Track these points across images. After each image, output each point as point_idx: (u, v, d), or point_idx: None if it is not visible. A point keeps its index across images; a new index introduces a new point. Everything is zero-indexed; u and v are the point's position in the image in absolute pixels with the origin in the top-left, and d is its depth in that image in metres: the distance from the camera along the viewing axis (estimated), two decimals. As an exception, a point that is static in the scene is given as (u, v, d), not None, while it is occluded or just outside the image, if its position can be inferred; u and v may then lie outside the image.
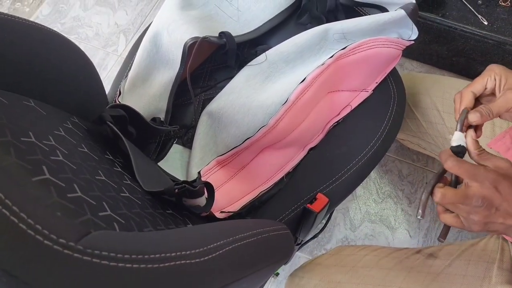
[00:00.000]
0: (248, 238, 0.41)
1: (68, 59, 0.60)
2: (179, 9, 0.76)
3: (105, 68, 1.37)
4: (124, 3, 1.48)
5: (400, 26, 0.74)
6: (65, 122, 0.56)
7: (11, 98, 0.48)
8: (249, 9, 0.81)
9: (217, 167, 0.72)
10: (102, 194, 0.42)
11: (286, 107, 0.66)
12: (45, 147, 0.43)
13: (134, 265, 0.27)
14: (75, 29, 1.45)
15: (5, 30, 0.50)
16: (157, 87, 0.75)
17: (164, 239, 0.32)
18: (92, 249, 0.25)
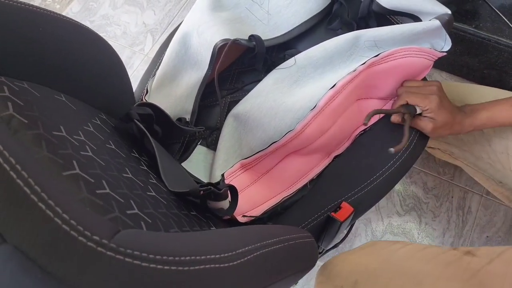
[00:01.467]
0: (275, 245, 0.40)
1: (100, 56, 0.60)
2: (209, 11, 0.75)
3: (131, 67, 1.39)
4: (153, 3, 1.49)
5: (434, 37, 0.72)
6: (94, 118, 0.56)
7: (43, 91, 0.49)
8: (279, 13, 0.80)
9: (241, 170, 0.71)
10: (130, 192, 0.42)
11: (314, 113, 0.65)
12: (76, 142, 0.43)
13: (165, 267, 0.26)
14: (103, 27, 1.47)
15: (43, 24, 0.50)
16: (184, 88, 0.75)
17: (193, 242, 0.32)
18: (124, 248, 0.24)
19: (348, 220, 0.65)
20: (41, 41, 0.50)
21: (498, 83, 1.19)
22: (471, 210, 1.12)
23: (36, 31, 0.50)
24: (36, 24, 0.49)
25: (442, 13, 0.71)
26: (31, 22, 0.49)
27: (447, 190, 1.15)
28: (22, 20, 0.47)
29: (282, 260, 0.41)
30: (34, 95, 0.46)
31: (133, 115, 0.62)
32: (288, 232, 0.47)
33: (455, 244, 1.11)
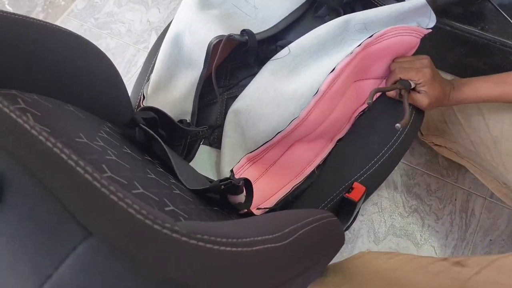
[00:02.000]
0: (312, 224, 0.41)
1: (99, 67, 0.60)
2: (198, 9, 0.75)
3: (135, 65, 1.38)
4: (158, 1, 1.48)
5: (419, 15, 0.74)
6: (103, 126, 0.55)
7: (53, 103, 0.48)
8: (266, 6, 0.81)
9: (248, 164, 0.71)
10: (160, 190, 0.42)
11: (317, 98, 0.65)
12: (98, 147, 0.42)
13: (233, 248, 0.26)
14: (108, 25, 1.45)
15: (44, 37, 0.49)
16: (181, 89, 0.74)
17: (246, 226, 0.32)
18: (195, 234, 0.25)
19: (362, 199, 0.66)
20: (45, 54, 0.50)
21: None
22: (475, 213, 1.11)
23: (40, 44, 0.49)
24: (39, 36, 0.48)
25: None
26: (31, 34, 0.48)
27: (450, 192, 1.14)
28: (24, 33, 0.46)
29: (321, 237, 0.42)
30: (46, 105, 0.45)
31: (138, 120, 0.61)
32: (315, 213, 0.47)
33: (458, 246, 1.10)
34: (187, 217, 0.39)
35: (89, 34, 1.41)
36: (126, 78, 1.32)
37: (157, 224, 0.23)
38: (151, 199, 0.38)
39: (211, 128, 0.77)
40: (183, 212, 0.39)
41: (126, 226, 0.21)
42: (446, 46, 1.12)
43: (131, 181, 0.39)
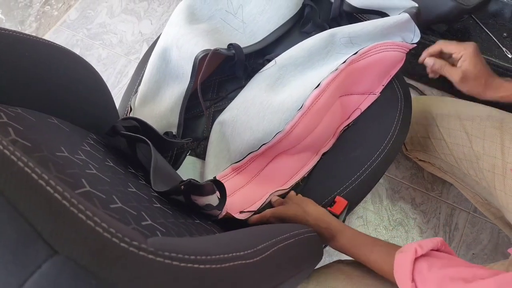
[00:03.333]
0: (287, 240, 0.42)
1: (86, 79, 0.61)
2: (186, 24, 0.77)
3: (126, 75, 1.39)
4: (150, 13, 1.49)
5: (404, 30, 0.76)
6: (87, 138, 0.56)
7: (36, 116, 0.48)
8: (254, 21, 0.82)
9: (233, 174, 0.72)
10: (139, 204, 0.42)
11: (301, 113, 0.67)
12: (79, 161, 0.43)
13: (200, 266, 0.27)
14: (100, 35, 1.46)
15: (30, 51, 0.50)
16: (168, 102, 0.75)
17: (217, 242, 0.32)
18: (162, 251, 0.25)
19: (344, 213, 0.67)
20: (28, 67, 0.50)
21: (489, 102, 1.20)
22: (458, 227, 1.11)
23: (23, 58, 0.49)
24: (23, 50, 0.49)
25: (410, 6, 0.75)
26: (18, 48, 0.48)
27: (434, 206, 1.14)
28: (10, 48, 0.47)
29: (296, 253, 0.43)
30: (29, 119, 0.45)
31: (119, 128, 0.61)
32: (293, 228, 0.48)
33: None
34: (164, 231, 0.39)
35: (81, 44, 1.42)
36: (117, 89, 1.33)
37: (124, 242, 0.24)
38: (129, 213, 0.38)
39: (197, 140, 0.77)
40: (160, 226, 0.40)
41: (92, 245, 0.22)
42: (431, 62, 1.13)
43: (110, 195, 0.39)
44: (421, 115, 0.89)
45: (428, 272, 0.47)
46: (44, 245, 0.21)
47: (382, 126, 0.77)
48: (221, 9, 0.82)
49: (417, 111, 0.89)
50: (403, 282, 0.48)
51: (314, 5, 0.84)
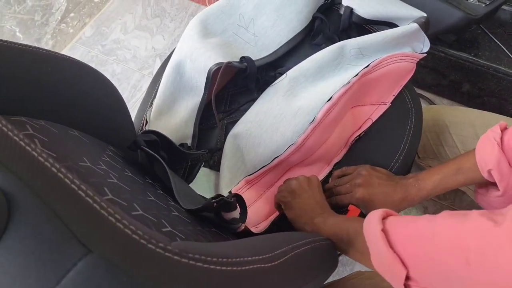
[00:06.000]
0: (304, 246, 0.43)
1: (105, 93, 0.63)
2: (199, 38, 0.79)
3: (140, 90, 1.42)
4: (162, 28, 1.53)
5: (413, 40, 0.77)
6: (106, 150, 0.57)
7: (58, 128, 0.50)
8: (266, 34, 0.84)
9: (246, 187, 0.73)
10: (158, 212, 0.44)
11: (313, 126, 0.68)
12: (100, 171, 0.45)
13: (222, 267, 0.28)
14: (114, 51, 1.50)
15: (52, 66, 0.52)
16: (182, 114, 0.77)
17: (238, 247, 0.34)
18: (186, 253, 0.26)
19: (357, 221, 0.68)
20: (50, 82, 0.52)
21: (497, 110, 1.19)
22: None
23: (45, 73, 0.52)
24: (46, 66, 0.51)
25: (419, 16, 0.76)
26: (41, 64, 0.51)
27: None
28: (35, 64, 0.49)
29: (312, 259, 0.44)
30: (53, 131, 0.47)
31: (140, 142, 0.64)
32: (308, 236, 0.49)
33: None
34: (184, 238, 0.41)
35: (96, 60, 1.46)
36: (131, 103, 1.36)
37: (151, 243, 0.25)
38: (150, 220, 0.40)
39: (211, 151, 0.79)
40: (180, 233, 0.41)
41: (122, 245, 0.23)
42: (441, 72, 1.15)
43: (131, 203, 0.41)
44: (434, 123, 0.90)
45: None
46: (78, 244, 0.22)
47: (394, 136, 0.77)
48: (233, 23, 0.84)
49: (430, 119, 0.90)
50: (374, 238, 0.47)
51: (324, 17, 0.86)
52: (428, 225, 0.42)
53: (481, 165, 0.60)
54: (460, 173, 0.64)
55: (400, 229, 0.45)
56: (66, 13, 1.48)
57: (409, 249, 0.43)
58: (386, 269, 0.45)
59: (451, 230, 0.39)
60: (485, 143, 0.60)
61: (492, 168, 0.58)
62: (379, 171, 0.70)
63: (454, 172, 0.64)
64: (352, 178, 0.70)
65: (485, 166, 0.59)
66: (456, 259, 0.37)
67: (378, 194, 0.67)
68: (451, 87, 1.22)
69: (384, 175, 0.70)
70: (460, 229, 0.38)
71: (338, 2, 0.88)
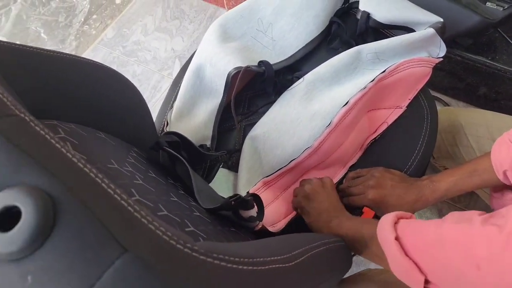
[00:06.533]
0: (320, 247, 0.44)
1: (128, 96, 0.65)
2: (219, 43, 0.81)
3: (159, 90, 1.45)
4: (182, 30, 1.57)
5: (430, 44, 0.78)
6: (130, 151, 0.60)
7: (86, 131, 0.53)
8: (283, 38, 0.86)
9: (264, 188, 0.75)
10: (181, 212, 0.46)
11: (329, 129, 0.69)
12: (127, 172, 0.47)
13: (244, 267, 0.30)
14: (135, 52, 1.54)
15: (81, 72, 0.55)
16: (202, 116, 0.79)
17: (255, 247, 0.36)
18: (211, 253, 0.29)
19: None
20: (79, 87, 0.55)
21: None
22: None
23: (75, 78, 0.54)
24: (76, 72, 0.54)
25: (435, 21, 0.77)
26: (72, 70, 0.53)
27: None
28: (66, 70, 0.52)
29: (327, 260, 0.45)
30: (82, 134, 0.50)
31: (162, 143, 0.66)
32: (323, 237, 0.51)
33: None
34: (205, 237, 0.43)
35: (117, 61, 1.49)
36: (151, 103, 1.39)
37: (179, 244, 0.27)
38: (174, 220, 0.42)
39: (229, 152, 0.81)
40: (202, 233, 0.43)
41: (154, 245, 0.26)
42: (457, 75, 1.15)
43: (156, 204, 0.43)
44: (449, 124, 0.90)
45: None
46: (116, 244, 0.24)
47: (409, 139, 0.79)
48: (252, 28, 0.86)
49: (445, 120, 0.91)
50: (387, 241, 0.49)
51: (341, 22, 0.87)
52: (436, 232, 0.44)
53: (497, 167, 0.61)
54: (476, 175, 0.65)
55: (411, 237, 0.47)
56: (89, 15, 1.53)
57: (422, 256, 0.45)
58: (404, 275, 0.47)
59: (458, 238, 0.41)
60: (501, 144, 0.61)
61: (508, 169, 0.58)
62: (392, 173, 0.72)
63: (469, 174, 0.65)
64: (365, 180, 0.71)
65: (500, 167, 0.60)
66: (467, 265, 0.39)
67: (390, 195, 0.68)
68: (467, 90, 1.22)
69: (397, 176, 0.71)
70: (467, 238, 0.40)
71: (355, 6, 0.89)
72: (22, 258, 0.24)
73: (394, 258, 0.47)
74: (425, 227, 0.45)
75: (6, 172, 0.25)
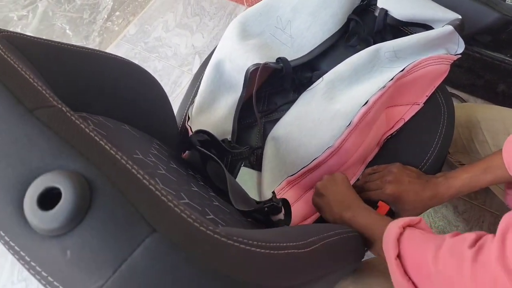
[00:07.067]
0: (334, 236, 0.46)
1: (150, 90, 0.68)
2: (238, 40, 0.83)
3: (179, 85, 1.49)
4: (202, 27, 1.60)
5: (448, 41, 0.78)
6: (153, 143, 0.63)
7: (112, 123, 0.56)
8: (302, 35, 0.87)
9: (288, 187, 0.75)
10: (201, 201, 0.48)
11: (350, 129, 0.70)
12: (150, 162, 0.50)
13: (262, 250, 0.32)
14: (156, 48, 1.58)
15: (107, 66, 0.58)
16: (222, 110, 0.82)
17: (272, 234, 0.38)
18: (231, 236, 0.31)
19: (386, 218, 0.70)
20: (105, 81, 0.58)
21: None
22: None
23: (102, 73, 0.57)
24: (103, 66, 0.57)
25: (453, 18, 0.77)
26: (99, 65, 0.56)
27: (478, 214, 1.12)
28: (94, 65, 0.55)
29: (340, 249, 0.47)
30: (109, 126, 0.53)
31: (195, 142, 0.68)
32: (337, 227, 0.53)
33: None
34: (224, 225, 0.45)
35: (139, 57, 1.53)
36: (171, 98, 1.42)
37: (203, 226, 0.29)
38: (195, 208, 0.44)
39: (251, 149, 0.83)
40: (221, 221, 0.46)
41: (180, 226, 0.28)
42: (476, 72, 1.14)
43: (178, 193, 0.45)
44: (466, 119, 0.91)
45: None
46: (146, 224, 0.27)
47: (426, 135, 0.79)
48: (271, 25, 0.88)
49: (462, 116, 0.91)
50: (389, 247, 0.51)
51: (358, 19, 0.88)
52: (434, 262, 0.46)
53: (509, 164, 0.62)
54: (489, 172, 0.66)
55: (412, 258, 0.49)
56: (112, 11, 1.56)
57: (420, 279, 0.47)
58: None
59: (453, 274, 0.43)
60: None
61: None
62: (409, 169, 0.73)
63: (483, 170, 0.66)
64: (383, 175, 0.72)
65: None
66: None
67: (408, 191, 0.69)
68: (486, 87, 1.21)
69: (414, 173, 0.72)
70: (460, 276, 0.42)
71: (373, 3, 0.90)
72: (62, 235, 0.26)
73: (394, 275, 0.49)
74: (425, 250, 0.47)
75: (47, 157, 0.28)
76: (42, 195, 0.27)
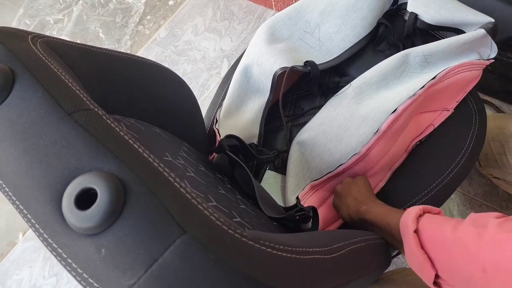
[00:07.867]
0: (360, 243, 0.46)
1: (182, 95, 0.69)
2: (266, 44, 0.84)
3: (208, 88, 1.51)
4: (230, 31, 1.62)
5: (480, 46, 0.77)
6: (182, 146, 0.64)
7: (144, 125, 0.58)
8: (330, 39, 0.87)
9: (312, 192, 0.75)
10: (229, 204, 0.49)
11: (377, 136, 0.70)
12: (180, 165, 0.51)
13: (287, 254, 0.33)
14: (185, 52, 1.61)
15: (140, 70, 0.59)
16: (249, 114, 0.82)
17: (298, 239, 0.38)
18: (258, 239, 0.31)
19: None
20: (140, 84, 0.60)
21: None
22: None
23: (135, 77, 0.59)
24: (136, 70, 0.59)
25: (486, 22, 0.76)
26: (133, 69, 0.58)
27: None
28: (129, 69, 0.57)
29: (366, 255, 0.47)
30: (140, 128, 0.54)
31: (225, 147, 0.69)
32: (363, 234, 0.52)
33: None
34: (251, 228, 0.46)
35: (169, 60, 1.56)
36: (199, 101, 1.44)
37: (230, 229, 0.30)
38: (222, 211, 0.45)
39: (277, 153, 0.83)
40: (247, 224, 0.46)
41: (209, 228, 0.29)
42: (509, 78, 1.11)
43: (206, 195, 0.46)
44: (498, 132, 0.88)
45: None
46: (176, 226, 0.27)
47: (455, 142, 0.78)
48: (299, 29, 0.88)
49: (494, 128, 0.89)
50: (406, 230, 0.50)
51: (388, 23, 0.87)
52: (453, 231, 0.45)
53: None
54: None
55: (429, 232, 0.48)
56: (143, 15, 1.60)
57: (436, 251, 0.46)
58: (418, 267, 0.48)
59: (470, 242, 0.42)
60: None
61: None
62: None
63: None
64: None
65: None
66: (474, 266, 0.40)
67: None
68: (504, 88, 1.17)
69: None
70: (478, 242, 0.41)
71: (403, 8, 0.89)
72: (97, 234, 0.27)
73: (410, 249, 0.48)
74: (444, 225, 0.46)
75: (84, 159, 0.29)
76: (79, 195, 0.28)
